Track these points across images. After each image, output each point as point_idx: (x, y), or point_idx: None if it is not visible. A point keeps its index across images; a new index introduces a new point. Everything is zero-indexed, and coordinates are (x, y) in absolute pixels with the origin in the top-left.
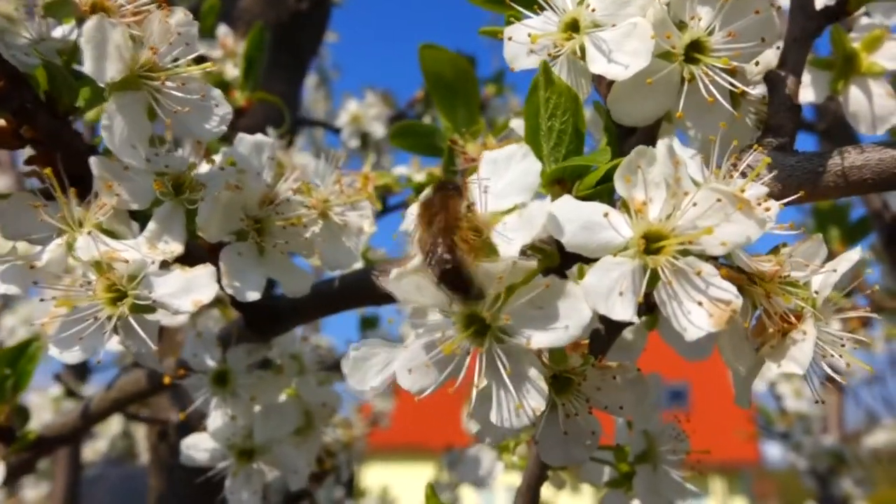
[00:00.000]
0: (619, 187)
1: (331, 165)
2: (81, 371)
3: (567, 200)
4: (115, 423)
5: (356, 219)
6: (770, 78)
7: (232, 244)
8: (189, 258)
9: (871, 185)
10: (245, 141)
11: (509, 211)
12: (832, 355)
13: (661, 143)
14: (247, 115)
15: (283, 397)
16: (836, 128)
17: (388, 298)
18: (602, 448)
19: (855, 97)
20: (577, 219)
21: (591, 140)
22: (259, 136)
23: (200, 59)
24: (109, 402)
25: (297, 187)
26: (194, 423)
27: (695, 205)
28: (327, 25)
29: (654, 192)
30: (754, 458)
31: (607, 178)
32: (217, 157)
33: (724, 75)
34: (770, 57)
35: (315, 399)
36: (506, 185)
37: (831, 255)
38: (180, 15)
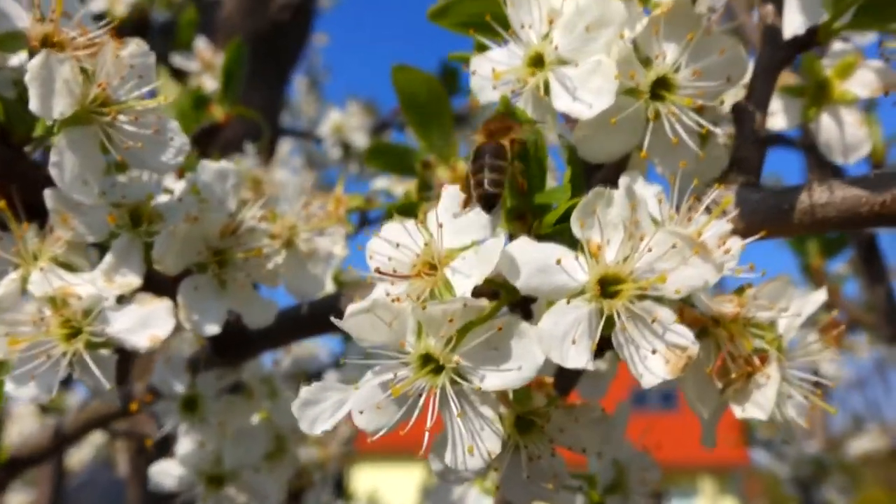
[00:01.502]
0: (576, 229)
1: (300, 190)
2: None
3: (523, 242)
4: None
5: (326, 243)
6: (737, 110)
7: (189, 278)
8: (152, 287)
9: (836, 224)
10: (208, 168)
11: (468, 247)
12: (797, 397)
13: (621, 184)
14: (226, 128)
15: (255, 419)
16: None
17: None
18: (574, 475)
19: (826, 125)
20: (532, 261)
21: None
22: (223, 164)
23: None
24: (82, 423)
25: (262, 214)
26: (173, 440)
27: (650, 250)
28: (309, 35)
29: (612, 233)
30: (744, 459)
31: (566, 217)
32: (177, 186)
33: (690, 114)
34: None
35: (287, 423)
36: (466, 221)
37: (810, 269)
38: (133, 46)
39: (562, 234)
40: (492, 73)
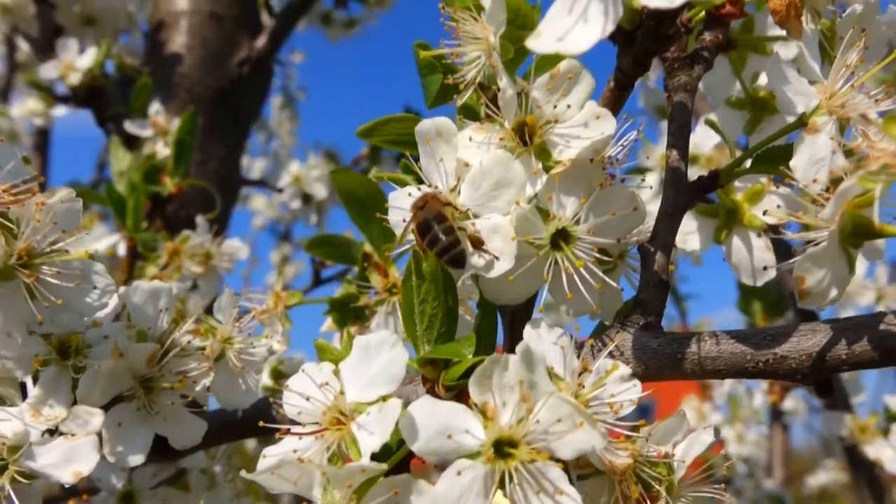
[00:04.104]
0: (474, 394)
1: (233, 300)
2: None
3: (425, 403)
4: None
5: (261, 352)
6: (641, 252)
7: (113, 411)
8: None
9: (724, 374)
10: (140, 290)
11: (374, 403)
12: None
13: (519, 349)
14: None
15: None
16: None
17: None
18: None
19: (737, 248)
20: (432, 424)
21: None
22: (155, 284)
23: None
24: None
25: (195, 329)
26: None
27: (538, 421)
28: (269, 89)
29: (508, 396)
30: None
31: (471, 371)
32: (104, 313)
33: (588, 267)
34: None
35: None
36: (374, 374)
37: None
38: (61, 194)
39: (466, 387)
40: (402, 222)
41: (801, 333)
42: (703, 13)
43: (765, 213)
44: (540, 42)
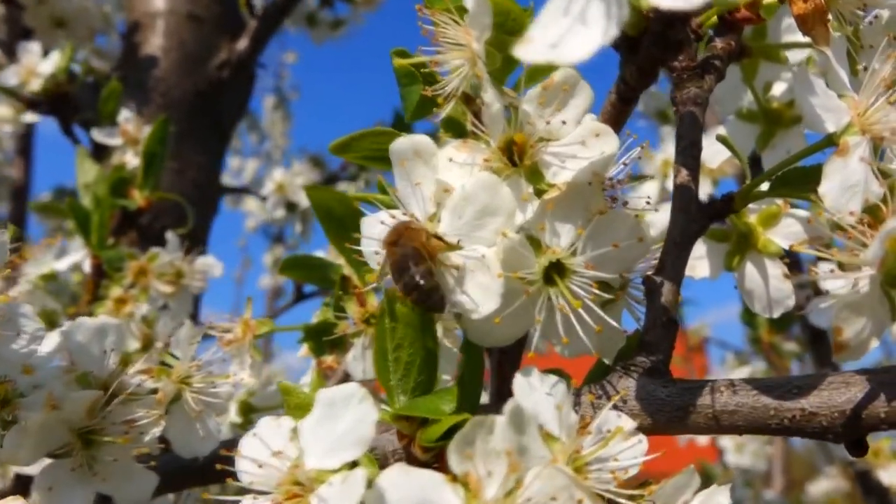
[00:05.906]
0: (452, 462)
1: (192, 332)
2: None
3: (397, 473)
4: None
5: (223, 392)
6: (646, 286)
7: (43, 472)
8: None
9: (744, 430)
10: (84, 327)
11: (337, 471)
12: None
13: (507, 409)
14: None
15: None
16: None
17: None
18: None
19: (750, 276)
20: (405, 499)
21: None
22: (102, 320)
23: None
24: None
25: (147, 368)
26: None
27: (529, 499)
28: (251, 92)
29: (494, 464)
30: None
31: (451, 432)
32: (41, 355)
33: (586, 306)
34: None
35: None
36: (339, 435)
37: (760, 343)
38: None
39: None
40: (374, 255)
41: (832, 386)
42: (714, 18)
43: (791, 246)
44: (530, 50)
